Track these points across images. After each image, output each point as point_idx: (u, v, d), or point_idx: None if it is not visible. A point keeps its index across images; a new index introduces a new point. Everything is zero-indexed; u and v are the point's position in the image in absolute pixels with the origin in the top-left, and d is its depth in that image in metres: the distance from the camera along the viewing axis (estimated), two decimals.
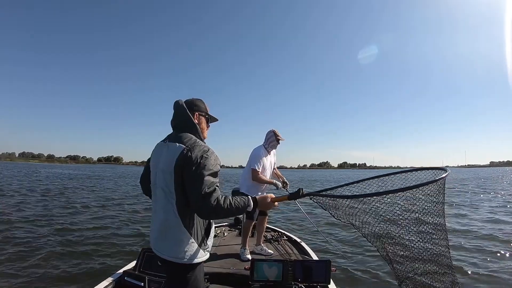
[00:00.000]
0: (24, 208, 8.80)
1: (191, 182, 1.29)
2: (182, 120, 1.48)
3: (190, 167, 1.30)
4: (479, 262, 4.44)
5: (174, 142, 1.38)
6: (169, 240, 1.36)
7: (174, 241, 1.35)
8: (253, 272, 2.33)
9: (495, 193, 15.11)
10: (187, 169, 1.30)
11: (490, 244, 5.40)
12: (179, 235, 1.35)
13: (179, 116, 1.49)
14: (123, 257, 4.58)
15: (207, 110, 1.59)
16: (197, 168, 1.29)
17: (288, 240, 3.82)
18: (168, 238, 1.36)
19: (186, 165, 1.31)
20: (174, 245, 1.35)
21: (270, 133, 3.32)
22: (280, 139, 3.31)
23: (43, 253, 4.64)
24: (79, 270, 4.03)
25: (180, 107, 1.49)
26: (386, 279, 3.83)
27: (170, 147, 1.38)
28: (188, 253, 1.35)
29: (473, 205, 10.75)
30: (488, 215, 8.55)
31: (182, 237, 1.35)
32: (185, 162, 1.31)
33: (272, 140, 3.29)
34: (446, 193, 1.47)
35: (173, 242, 1.35)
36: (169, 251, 1.36)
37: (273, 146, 3.33)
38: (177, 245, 1.35)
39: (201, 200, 1.26)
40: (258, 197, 1.46)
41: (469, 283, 3.73)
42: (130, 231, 6.37)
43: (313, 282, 2.33)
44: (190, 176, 1.29)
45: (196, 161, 1.30)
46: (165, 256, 1.37)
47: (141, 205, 10.39)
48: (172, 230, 1.35)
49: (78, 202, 10.69)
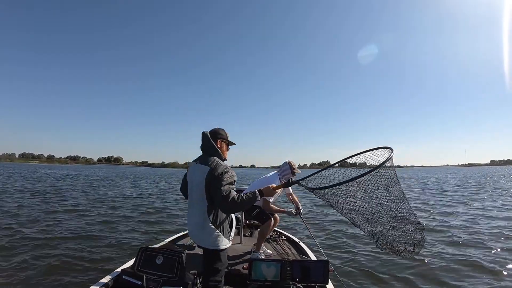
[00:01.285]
0: (22, 207, 8.82)
1: (215, 191, 1.89)
2: (207, 146, 2.06)
3: (215, 181, 1.90)
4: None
5: (203, 164, 2.00)
6: (203, 234, 1.98)
7: (207, 234, 1.97)
8: (251, 272, 2.33)
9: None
10: (213, 183, 1.90)
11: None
12: (209, 230, 1.96)
13: (205, 143, 2.08)
14: (121, 255, 4.58)
15: (227, 137, 2.16)
16: (219, 181, 1.88)
17: (286, 240, 3.83)
18: (203, 232, 1.98)
19: (212, 180, 1.91)
20: (208, 237, 1.96)
21: (285, 165, 3.29)
22: (296, 171, 3.27)
23: (40, 252, 4.65)
24: (77, 268, 4.04)
25: (205, 137, 2.08)
26: (384, 279, 3.83)
27: (200, 168, 2.00)
28: (216, 242, 1.97)
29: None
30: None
31: (212, 231, 1.96)
32: (211, 178, 1.92)
33: (287, 173, 3.26)
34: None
35: (207, 235, 1.97)
36: (205, 242, 1.99)
37: (287, 178, 3.22)
38: (209, 236, 1.96)
39: (222, 201, 1.85)
40: (263, 188, 2.00)
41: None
42: (128, 230, 6.38)
43: (311, 282, 2.34)
44: (215, 187, 1.89)
45: (218, 176, 1.90)
46: (202, 245, 2.01)
47: (140, 206, 10.41)
48: (204, 226, 1.96)
49: (76, 202, 10.71)
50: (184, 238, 3.89)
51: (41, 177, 26.90)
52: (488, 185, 21.74)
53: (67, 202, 10.43)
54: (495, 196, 13.84)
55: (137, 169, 79.22)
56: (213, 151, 2.05)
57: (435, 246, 5.29)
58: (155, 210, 9.31)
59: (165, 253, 2.31)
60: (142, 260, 2.33)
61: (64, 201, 10.85)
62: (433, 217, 8.48)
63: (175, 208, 9.87)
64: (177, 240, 3.78)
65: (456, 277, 3.90)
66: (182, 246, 3.53)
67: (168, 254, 2.29)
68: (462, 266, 4.29)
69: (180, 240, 3.77)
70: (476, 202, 11.60)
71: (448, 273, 4.01)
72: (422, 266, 4.26)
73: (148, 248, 2.41)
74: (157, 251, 2.35)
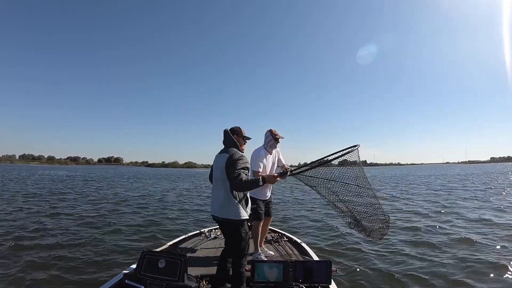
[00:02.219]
0: (21, 210, 8.82)
1: (229, 172, 2.36)
2: (227, 140, 2.58)
3: (231, 164, 2.38)
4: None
5: (224, 153, 2.52)
6: (228, 207, 2.43)
7: (231, 207, 2.42)
8: (253, 273, 2.32)
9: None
10: (230, 166, 2.38)
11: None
12: (232, 203, 2.42)
13: (226, 138, 2.60)
14: (123, 260, 4.58)
15: (243, 133, 2.66)
16: (234, 165, 2.36)
17: (288, 241, 3.82)
18: (228, 206, 2.43)
19: (229, 164, 2.39)
20: (232, 209, 2.42)
21: (267, 133, 3.28)
22: (279, 137, 3.26)
23: (43, 255, 4.66)
24: (79, 273, 4.03)
25: (226, 133, 2.60)
26: (387, 279, 3.83)
27: (222, 156, 2.51)
28: (239, 212, 2.43)
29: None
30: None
31: (235, 204, 2.42)
32: (229, 163, 2.39)
33: (270, 140, 3.25)
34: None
35: (231, 208, 2.42)
36: (230, 214, 2.42)
37: (273, 145, 3.27)
38: (233, 208, 2.42)
39: (233, 180, 2.33)
40: (266, 176, 2.50)
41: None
42: (130, 234, 6.37)
43: (314, 283, 2.33)
44: (230, 169, 2.37)
45: (234, 161, 2.38)
46: (227, 217, 2.43)
47: (141, 208, 10.41)
48: (229, 201, 2.43)
49: (75, 204, 10.71)
50: (186, 241, 3.88)
51: (38, 178, 26.89)
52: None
53: (66, 205, 10.44)
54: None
55: (137, 169, 79.19)
56: (232, 144, 2.55)
57: (441, 246, 5.29)
58: (157, 213, 9.28)
59: (167, 257, 2.29)
60: (144, 264, 2.31)
61: (63, 203, 10.84)
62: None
63: (177, 210, 9.86)
64: (179, 243, 3.77)
65: (463, 276, 3.87)
66: (184, 249, 3.52)
67: (171, 258, 2.28)
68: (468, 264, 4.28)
69: (182, 243, 3.76)
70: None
71: (453, 272, 3.99)
72: (426, 266, 4.26)
73: (150, 252, 2.40)
74: (159, 254, 2.34)
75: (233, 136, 2.58)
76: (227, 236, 2.62)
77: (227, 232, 2.59)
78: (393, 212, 8.81)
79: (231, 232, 2.49)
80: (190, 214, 9.13)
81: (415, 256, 4.66)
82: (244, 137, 2.67)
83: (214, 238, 3.94)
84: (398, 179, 28.96)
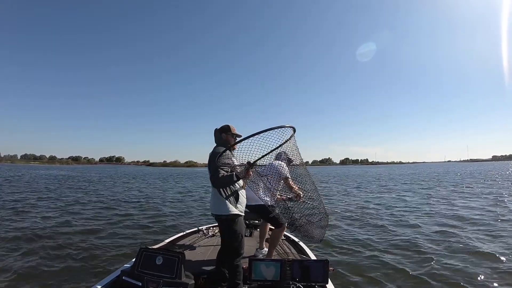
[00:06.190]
0: (19, 208, 8.85)
1: (209, 170, 2.38)
2: (216, 138, 2.62)
3: (210, 162, 2.38)
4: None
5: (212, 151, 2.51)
6: (217, 204, 2.44)
7: (220, 203, 2.42)
8: (250, 271, 2.33)
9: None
10: (210, 163, 2.39)
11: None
12: (220, 200, 2.42)
13: (216, 136, 2.62)
14: (121, 256, 4.59)
15: (233, 131, 2.59)
16: (213, 162, 2.28)
17: (286, 239, 3.82)
18: (217, 203, 2.44)
19: (209, 161, 2.41)
20: (220, 205, 2.42)
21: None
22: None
23: (40, 253, 4.68)
24: (77, 270, 4.05)
25: (216, 132, 2.62)
26: (383, 279, 3.82)
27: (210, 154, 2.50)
28: (226, 208, 2.40)
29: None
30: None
31: (221, 200, 2.41)
32: (209, 160, 2.42)
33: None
34: None
35: (220, 204, 2.42)
36: (219, 210, 2.42)
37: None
38: (221, 205, 2.42)
39: (211, 176, 2.32)
40: (238, 171, 2.34)
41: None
42: (127, 231, 6.39)
43: (311, 282, 2.33)
44: (210, 166, 2.37)
45: (213, 158, 2.30)
46: (217, 213, 2.44)
47: (140, 206, 10.42)
48: (217, 197, 2.44)
49: (74, 202, 10.74)
50: (184, 238, 3.89)
51: (36, 178, 26.94)
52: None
53: (65, 203, 10.45)
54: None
55: (138, 169, 79.24)
56: (220, 142, 2.57)
57: (436, 245, 5.27)
58: (155, 210, 9.30)
59: (165, 254, 2.30)
60: (142, 261, 2.33)
61: (62, 202, 10.86)
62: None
63: (175, 208, 9.88)
64: (177, 240, 3.78)
65: (461, 277, 3.83)
66: (182, 246, 3.53)
67: (168, 255, 2.29)
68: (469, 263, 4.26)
69: (180, 241, 3.77)
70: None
71: (453, 273, 3.96)
72: (426, 266, 4.25)
73: (148, 249, 2.41)
74: (157, 251, 2.35)
75: (221, 134, 2.58)
76: (221, 233, 2.62)
77: (221, 229, 2.61)
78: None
79: (224, 230, 2.50)
80: (189, 212, 9.14)
81: (415, 256, 4.65)
82: (234, 134, 2.63)
83: (212, 236, 3.95)
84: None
